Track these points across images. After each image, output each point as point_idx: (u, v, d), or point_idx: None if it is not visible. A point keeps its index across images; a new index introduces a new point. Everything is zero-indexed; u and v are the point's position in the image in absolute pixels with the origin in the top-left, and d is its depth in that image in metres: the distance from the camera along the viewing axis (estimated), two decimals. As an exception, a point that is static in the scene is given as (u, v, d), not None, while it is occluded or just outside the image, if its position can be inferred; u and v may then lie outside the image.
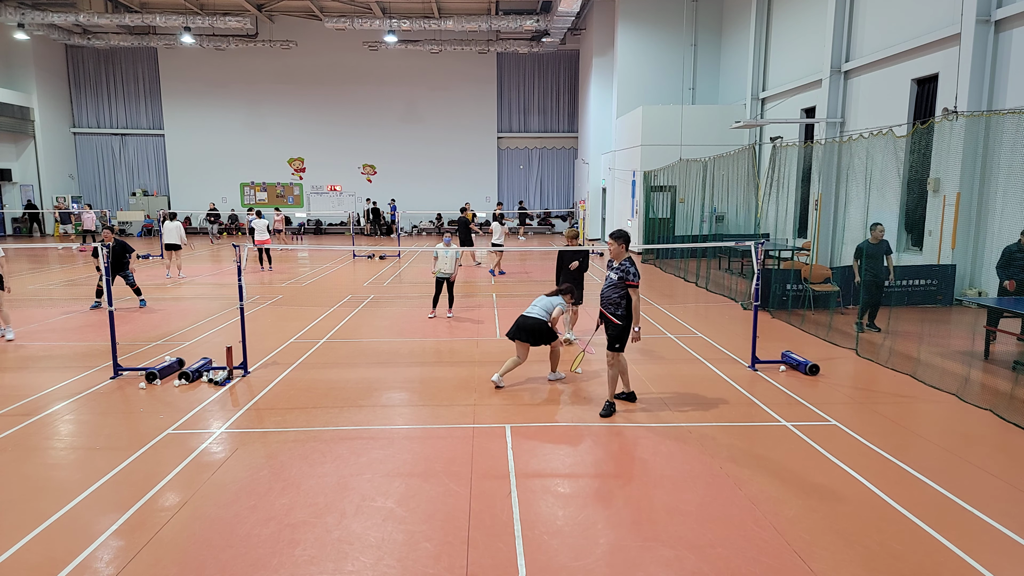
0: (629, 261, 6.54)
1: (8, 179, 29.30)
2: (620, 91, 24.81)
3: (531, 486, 5.08)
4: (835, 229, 14.66)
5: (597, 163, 28.01)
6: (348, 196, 33.06)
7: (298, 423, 6.45)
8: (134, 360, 8.64)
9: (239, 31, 28.47)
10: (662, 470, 5.39)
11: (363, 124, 32.39)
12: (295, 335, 10.20)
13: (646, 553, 4.18)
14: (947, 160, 11.78)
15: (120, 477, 5.25)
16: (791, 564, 4.04)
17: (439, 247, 10.86)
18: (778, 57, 19.80)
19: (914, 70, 13.66)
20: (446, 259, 11.10)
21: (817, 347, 9.36)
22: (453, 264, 11.23)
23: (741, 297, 13.16)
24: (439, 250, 10.95)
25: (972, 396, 7.06)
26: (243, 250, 8.31)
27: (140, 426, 6.36)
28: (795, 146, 14.14)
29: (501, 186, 33.77)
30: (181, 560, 4.10)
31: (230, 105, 31.99)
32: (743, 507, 4.74)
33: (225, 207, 32.70)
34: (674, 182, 19.57)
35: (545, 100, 33.10)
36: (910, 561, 4.07)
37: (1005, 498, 4.87)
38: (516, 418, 6.52)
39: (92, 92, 31.99)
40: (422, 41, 28.91)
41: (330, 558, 4.13)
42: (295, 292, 14.58)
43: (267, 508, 4.74)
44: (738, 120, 19.28)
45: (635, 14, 24.28)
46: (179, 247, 16.69)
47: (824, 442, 5.90)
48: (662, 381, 7.83)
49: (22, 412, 6.75)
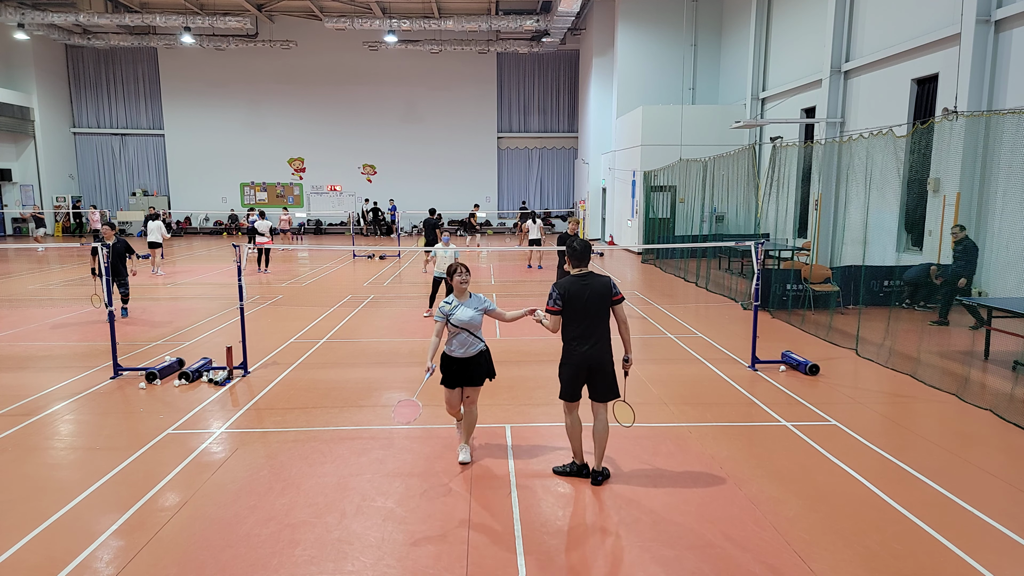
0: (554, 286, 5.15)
1: (8, 179, 29.31)
2: (620, 91, 24.81)
3: (531, 486, 5.08)
4: (835, 229, 14.65)
5: (597, 163, 28.01)
6: (348, 196, 33.08)
7: (298, 423, 6.45)
8: (134, 360, 8.64)
9: (239, 31, 28.47)
10: (662, 470, 5.39)
11: (363, 124, 32.40)
12: (295, 335, 10.20)
13: (646, 553, 4.18)
14: (947, 160, 11.77)
15: (120, 477, 5.25)
16: (791, 564, 4.04)
17: (438, 247, 10.87)
18: (778, 57, 19.80)
19: (914, 70, 13.66)
20: (444, 259, 11.00)
21: (817, 347, 9.36)
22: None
23: (741, 297, 13.16)
24: (438, 250, 10.94)
25: (972, 396, 7.06)
26: (243, 250, 8.31)
27: (140, 426, 6.35)
28: (795, 146, 14.13)
29: (501, 186, 33.79)
30: (181, 560, 4.10)
31: (230, 105, 32.00)
32: (743, 507, 4.74)
33: (225, 207, 32.74)
34: (674, 182, 19.57)
35: (545, 100, 33.11)
36: (910, 561, 4.06)
37: (1005, 498, 4.87)
38: (516, 418, 6.52)
39: (92, 92, 32.01)
40: (422, 41, 28.91)
41: (330, 558, 4.13)
42: (295, 292, 14.58)
43: (267, 508, 4.74)
44: (738, 120, 19.27)
45: (635, 14, 24.29)
46: (160, 245, 17.56)
47: (824, 442, 5.90)
48: (662, 381, 7.83)
49: (22, 412, 6.74)
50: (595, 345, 4.94)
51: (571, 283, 4.96)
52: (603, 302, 4.95)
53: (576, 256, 5.04)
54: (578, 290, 4.92)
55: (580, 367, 4.99)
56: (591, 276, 5.00)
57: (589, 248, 5.12)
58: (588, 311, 4.92)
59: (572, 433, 5.20)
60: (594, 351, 4.94)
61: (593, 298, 4.91)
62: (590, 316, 4.92)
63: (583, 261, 5.03)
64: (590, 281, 4.95)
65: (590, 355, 4.94)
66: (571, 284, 4.95)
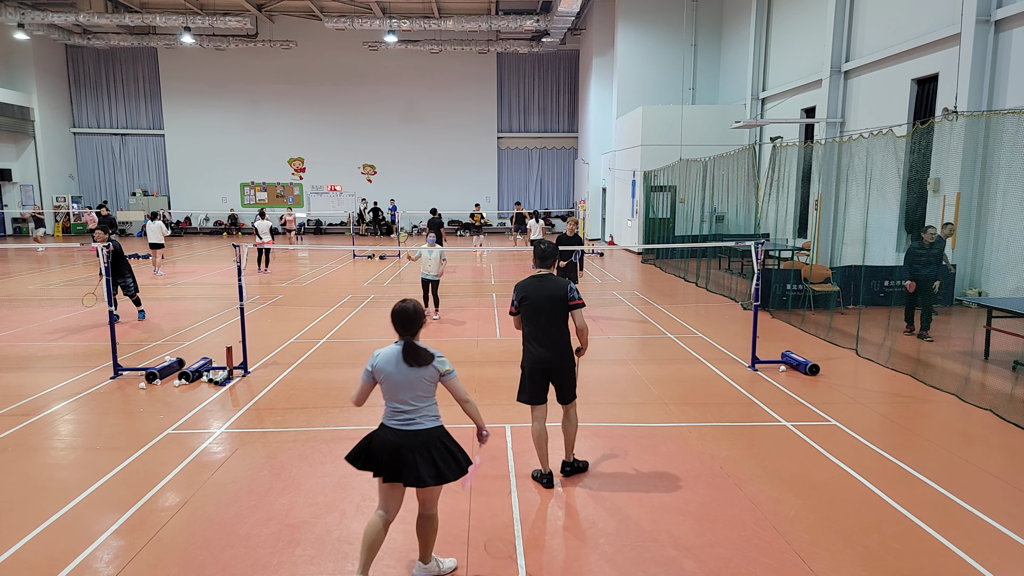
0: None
1: (8, 179, 29.31)
2: (620, 91, 24.81)
3: (531, 486, 5.08)
4: (835, 229, 14.66)
5: (597, 163, 28.01)
6: (348, 196, 33.08)
7: (298, 423, 6.45)
8: (134, 360, 8.64)
9: (239, 31, 28.47)
10: (662, 470, 5.39)
11: (363, 124, 32.39)
12: (295, 335, 10.20)
13: (646, 553, 4.18)
14: (947, 160, 11.77)
15: (120, 477, 5.25)
16: (791, 564, 4.04)
17: (423, 247, 10.71)
18: (778, 57, 19.80)
19: (914, 70, 13.66)
20: (429, 260, 10.75)
21: (817, 347, 9.36)
22: (437, 264, 10.82)
23: (741, 297, 13.16)
24: (423, 250, 10.76)
25: (972, 396, 7.06)
26: (243, 250, 8.31)
27: (140, 426, 6.35)
28: (795, 146, 14.14)
29: (501, 186, 33.78)
30: (181, 560, 4.10)
31: (230, 105, 32.00)
32: (743, 507, 4.74)
33: (225, 207, 32.74)
34: (674, 182, 19.57)
35: (545, 100, 33.11)
36: (910, 561, 4.06)
37: (1005, 498, 4.87)
38: (516, 418, 6.52)
39: (92, 92, 32.00)
40: (422, 41, 28.91)
41: (330, 558, 4.13)
42: (295, 292, 14.58)
43: (267, 508, 4.74)
44: (738, 120, 19.28)
45: (635, 14, 24.29)
46: (161, 245, 17.55)
47: (824, 442, 5.90)
48: (662, 381, 7.83)
49: (22, 412, 6.74)
50: (550, 349, 4.91)
51: (528, 283, 4.97)
52: (557, 305, 4.89)
53: (539, 256, 5.03)
54: (533, 290, 4.92)
55: (535, 369, 4.97)
56: (548, 278, 4.97)
57: (555, 251, 5.09)
58: (541, 312, 4.89)
59: (536, 440, 5.04)
60: (549, 354, 4.92)
61: (546, 300, 4.88)
62: (544, 317, 4.90)
63: (545, 263, 5.01)
64: (546, 283, 4.93)
65: (545, 358, 4.92)
66: (528, 284, 4.97)
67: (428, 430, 3.73)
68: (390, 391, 3.76)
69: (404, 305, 3.80)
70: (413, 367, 3.69)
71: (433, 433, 3.74)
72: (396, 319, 3.78)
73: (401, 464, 3.67)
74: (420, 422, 3.72)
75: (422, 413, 3.73)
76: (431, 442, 3.70)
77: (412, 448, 3.66)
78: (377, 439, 3.78)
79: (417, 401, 3.72)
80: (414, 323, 3.76)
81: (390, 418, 3.77)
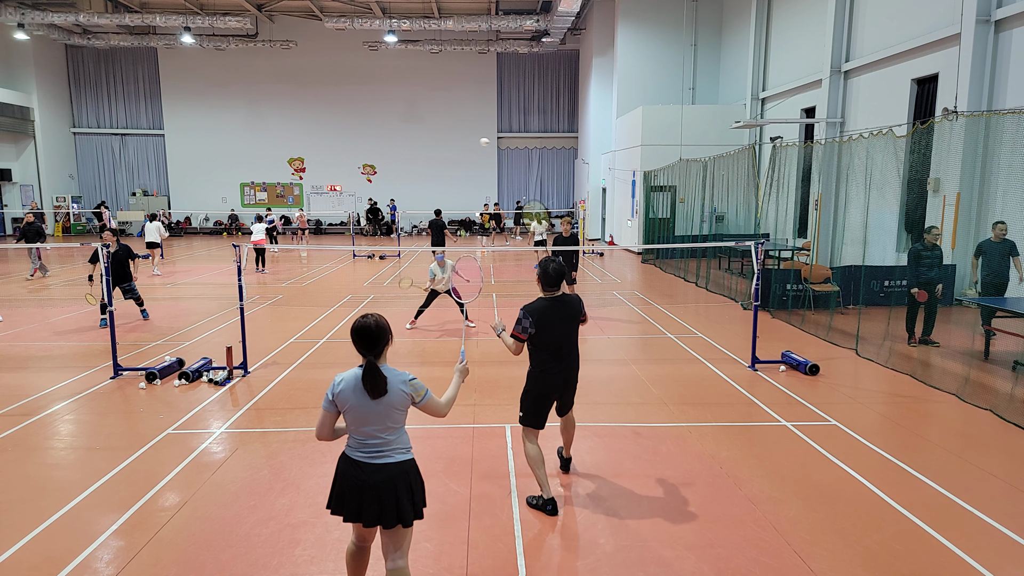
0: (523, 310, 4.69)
1: (8, 179, 29.31)
2: (620, 91, 24.81)
3: (531, 486, 5.07)
4: (835, 229, 14.66)
5: (597, 163, 28.01)
6: (348, 196, 33.08)
7: (298, 423, 6.45)
8: (134, 360, 8.64)
9: (239, 31, 28.48)
10: (662, 470, 5.39)
11: (363, 124, 32.40)
12: (295, 335, 10.20)
13: (646, 553, 4.18)
14: (947, 160, 11.78)
15: (120, 477, 5.25)
16: (791, 564, 4.04)
17: (433, 266, 10.54)
18: (778, 57, 19.81)
19: (914, 70, 13.66)
20: (443, 278, 10.57)
21: (817, 347, 9.36)
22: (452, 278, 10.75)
23: (741, 297, 13.16)
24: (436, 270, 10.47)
25: (972, 396, 7.06)
26: (243, 250, 8.31)
27: (140, 426, 6.35)
28: (795, 146, 14.13)
29: (501, 186, 33.78)
30: (181, 560, 4.10)
31: (230, 105, 32.00)
32: (743, 507, 4.74)
33: (225, 207, 32.74)
34: (674, 182, 19.57)
35: (545, 100, 33.12)
36: (910, 561, 4.06)
37: (1005, 498, 4.87)
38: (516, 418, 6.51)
39: (92, 92, 32.01)
40: (422, 41, 28.92)
41: (330, 558, 4.13)
42: (295, 292, 14.58)
43: (267, 508, 4.74)
44: (738, 120, 19.28)
45: (635, 14, 24.29)
46: (159, 245, 17.82)
47: (824, 442, 5.90)
48: (662, 381, 7.83)
49: (22, 412, 6.74)
50: (570, 371, 4.82)
51: (543, 308, 4.60)
52: (575, 325, 4.79)
53: (549, 281, 4.64)
54: (553, 316, 4.62)
55: (552, 390, 4.76)
56: (564, 300, 4.71)
57: (564, 272, 4.74)
58: (564, 339, 4.72)
59: (534, 462, 4.70)
60: (570, 377, 4.84)
61: (568, 325, 4.73)
62: (566, 344, 4.74)
63: (555, 287, 4.67)
64: (564, 306, 4.68)
65: (564, 378, 4.79)
66: (543, 309, 4.60)
67: (398, 463, 3.28)
68: (355, 422, 3.26)
69: (365, 321, 3.32)
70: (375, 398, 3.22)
71: (403, 467, 3.29)
72: (357, 337, 3.30)
73: (361, 502, 3.23)
74: (389, 455, 3.27)
75: (392, 446, 3.28)
76: (398, 479, 3.26)
77: (375, 485, 3.22)
78: (345, 480, 3.30)
79: (386, 433, 3.26)
80: (378, 341, 3.28)
81: (356, 449, 3.29)
